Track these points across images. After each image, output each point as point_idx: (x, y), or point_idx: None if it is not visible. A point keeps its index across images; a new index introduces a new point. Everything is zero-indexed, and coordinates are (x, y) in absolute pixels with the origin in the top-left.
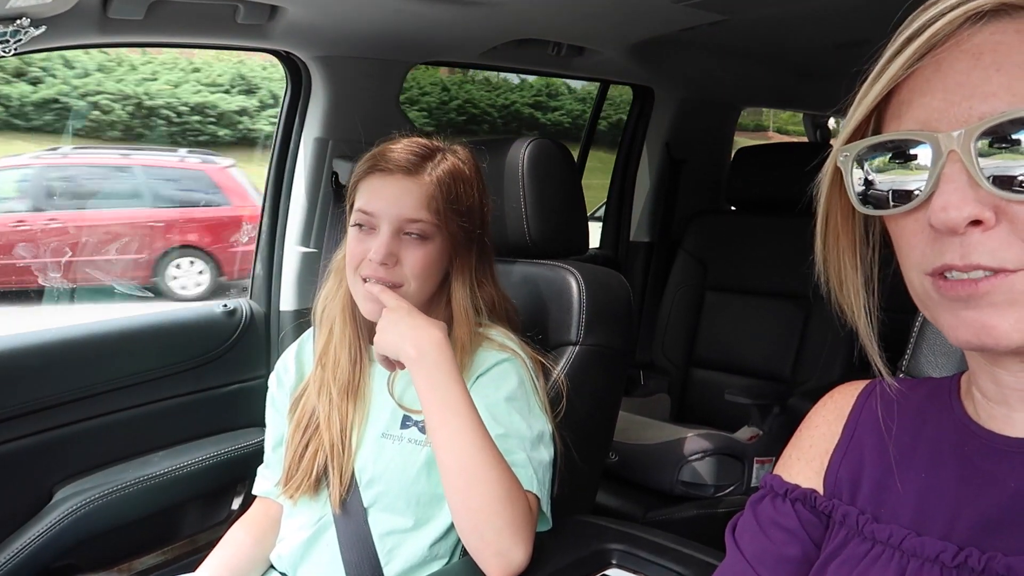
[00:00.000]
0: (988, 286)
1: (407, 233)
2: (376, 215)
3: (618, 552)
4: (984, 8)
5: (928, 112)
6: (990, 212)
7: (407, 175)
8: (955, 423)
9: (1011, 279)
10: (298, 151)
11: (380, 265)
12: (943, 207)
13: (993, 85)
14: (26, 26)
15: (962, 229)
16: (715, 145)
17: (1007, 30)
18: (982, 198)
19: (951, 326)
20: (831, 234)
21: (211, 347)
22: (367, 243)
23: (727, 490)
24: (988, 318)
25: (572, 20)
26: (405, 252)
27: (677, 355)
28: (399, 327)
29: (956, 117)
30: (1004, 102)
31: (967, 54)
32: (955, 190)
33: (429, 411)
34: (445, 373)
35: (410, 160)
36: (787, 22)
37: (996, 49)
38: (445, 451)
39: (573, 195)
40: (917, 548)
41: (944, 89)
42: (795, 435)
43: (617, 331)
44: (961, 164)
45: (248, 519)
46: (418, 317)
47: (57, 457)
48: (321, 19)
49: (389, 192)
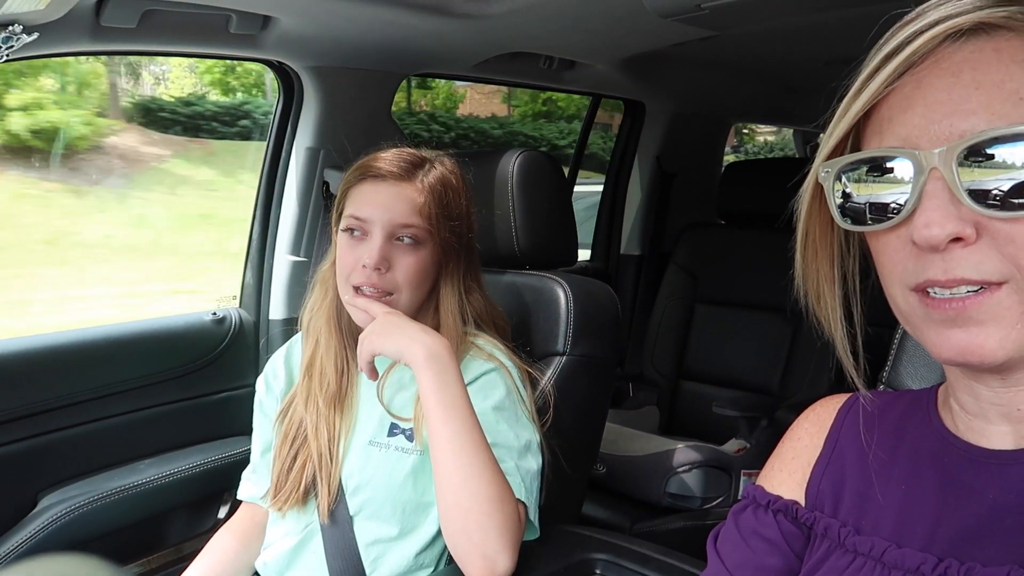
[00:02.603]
0: (974, 303)
1: (399, 239)
2: (368, 220)
3: (602, 562)
4: (963, 27)
5: (909, 129)
6: (971, 228)
7: (399, 181)
8: (934, 435)
9: (996, 296)
10: (289, 160)
11: (373, 271)
12: (926, 224)
13: (973, 103)
14: (18, 32)
15: (943, 246)
16: (706, 159)
17: (985, 48)
18: (964, 215)
19: (935, 344)
20: (810, 248)
21: (199, 355)
22: (358, 251)
23: (714, 502)
24: (974, 336)
25: (564, 35)
26: (397, 258)
27: (666, 367)
28: (404, 331)
29: (937, 134)
30: (983, 120)
31: (947, 72)
32: (937, 207)
33: (432, 410)
34: (451, 374)
35: (402, 167)
36: (777, 39)
37: (975, 67)
38: (444, 449)
39: (562, 207)
40: (898, 560)
41: (925, 106)
42: (778, 447)
43: (604, 342)
44: (943, 181)
45: (234, 524)
46: (413, 324)
47: (42, 464)
48: (314, 30)
49: (382, 198)
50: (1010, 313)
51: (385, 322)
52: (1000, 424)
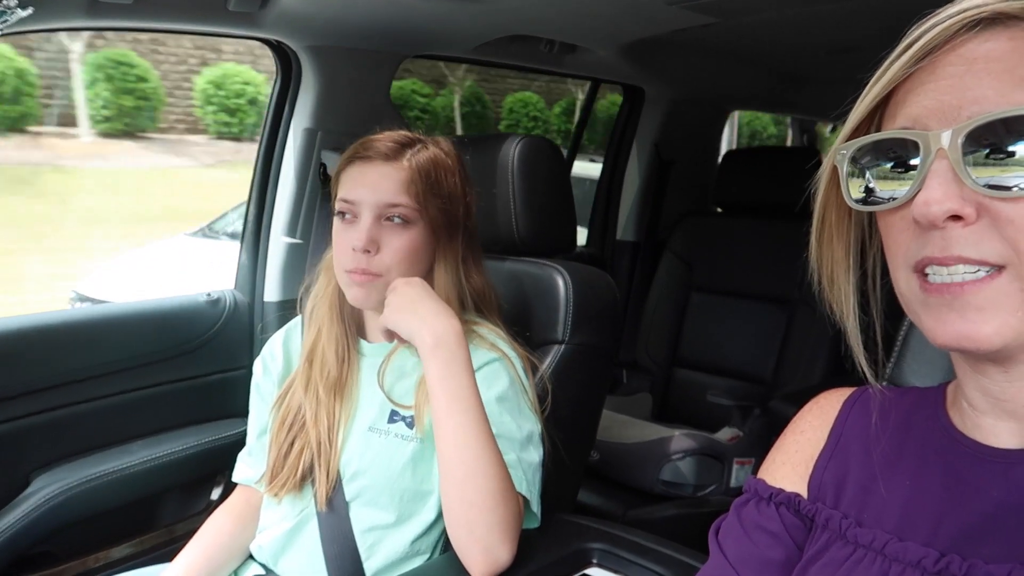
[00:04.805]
0: (973, 288)
1: (388, 219)
2: (357, 202)
3: (599, 551)
4: (980, 16)
5: (919, 110)
6: (971, 208)
7: (386, 161)
8: (941, 432)
9: (996, 282)
10: (287, 141)
11: (363, 253)
12: (925, 201)
13: (983, 88)
14: (13, 7)
15: (941, 223)
16: (704, 147)
17: (1000, 37)
18: (966, 195)
19: (932, 327)
20: (825, 233)
21: (194, 336)
22: (349, 234)
23: (707, 490)
24: (971, 322)
25: (565, 18)
26: (387, 239)
27: (660, 355)
28: (418, 309)
29: (946, 117)
30: (992, 104)
31: (961, 59)
32: (939, 185)
33: (438, 400)
34: (460, 364)
35: (389, 147)
36: (778, 27)
37: (988, 55)
38: (448, 442)
39: (562, 193)
40: (899, 553)
41: (936, 90)
42: (780, 439)
43: (603, 331)
44: (948, 162)
45: (229, 506)
46: (437, 302)
47: (34, 444)
48: (314, 8)
49: (369, 179)
50: (1009, 300)
51: (403, 294)
52: (1007, 422)
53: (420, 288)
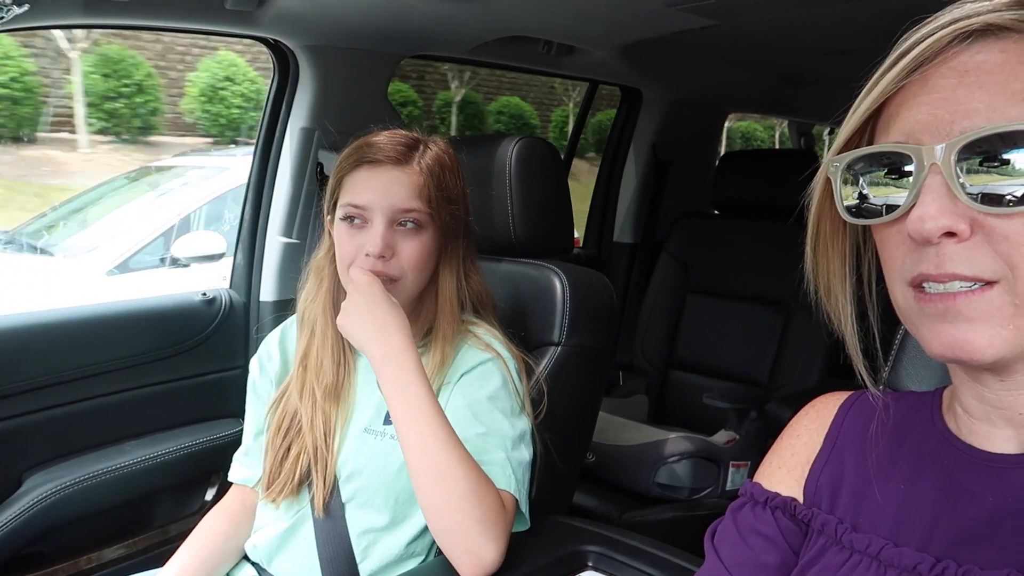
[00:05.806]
0: (965, 300)
1: (401, 224)
2: (368, 207)
3: (594, 554)
4: (971, 28)
5: (912, 125)
6: (965, 224)
7: (396, 165)
8: (936, 437)
9: (987, 295)
10: (283, 141)
11: (378, 259)
12: (920, 217)
13: (975, 102)
14: (9, 3)
15: (936, 239)
16: (701, 149)
17: (992, 49)
18: (960, 210)
19: (927, 339)
20: (820, 243)
21: (189, 336)
22: (359, 238)
23: (703, 493)
24: (963, 333)
25: (563, 19)
26: (400, 244)
27: (656, 356)
28: (367, 323)
29: (939, 131)
30: (984, 118)
31: (953, 71)
32: (933, 201)
33: (395, 411)
34: (409, 373)
35: (397, 150)
36: (777, 29)
37: (980, 67)
38: (413, 450)
39: (559, 194)
40: (895, 559)
41: (929, 104)
42: (776, 443)
43: (600, 333)
44: (941, 177)
45: (224, 506)
46: (387, 311)
47: (28, 443)
48: (311, 8)
49: (380, 183)
50: (1000, 313)
51: (354, 302)
52: (1003, 428)
53: (373, 294)
